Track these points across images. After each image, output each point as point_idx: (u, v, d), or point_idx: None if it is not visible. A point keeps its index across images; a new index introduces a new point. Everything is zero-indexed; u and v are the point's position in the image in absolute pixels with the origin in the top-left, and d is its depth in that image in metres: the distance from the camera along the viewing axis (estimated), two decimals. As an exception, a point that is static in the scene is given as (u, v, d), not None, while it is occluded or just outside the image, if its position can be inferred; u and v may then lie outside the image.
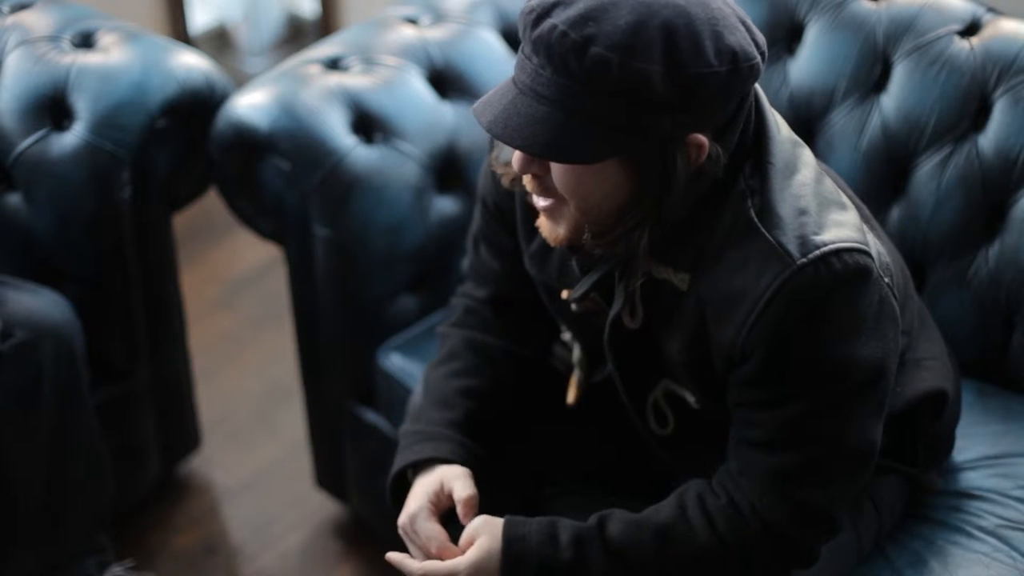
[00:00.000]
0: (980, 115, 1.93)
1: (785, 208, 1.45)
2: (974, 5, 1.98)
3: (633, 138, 1.38)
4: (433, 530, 1.62)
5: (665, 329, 1.55)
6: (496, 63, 2.21)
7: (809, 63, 2.05)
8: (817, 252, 1.42)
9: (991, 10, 1.98)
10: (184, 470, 2.60)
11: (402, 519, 1.65)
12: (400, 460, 1.70)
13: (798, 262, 1.42)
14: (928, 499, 1.81)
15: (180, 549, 2.47)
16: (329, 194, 2.10)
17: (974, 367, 1.98)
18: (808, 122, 2.06)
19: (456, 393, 1.73)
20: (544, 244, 1.62)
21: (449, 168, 2.18)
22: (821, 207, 1.46)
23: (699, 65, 1.35)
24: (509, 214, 1.69)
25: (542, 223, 1.51)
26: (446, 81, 2.20)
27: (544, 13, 1.37)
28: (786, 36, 2.08)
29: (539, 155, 1.41)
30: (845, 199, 1.51)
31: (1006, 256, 1.92)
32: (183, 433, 2.50)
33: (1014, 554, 1.73)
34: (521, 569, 1.55)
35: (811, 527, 1.54)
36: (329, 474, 2.44)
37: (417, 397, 1.92)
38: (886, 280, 1.48)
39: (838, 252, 1.43)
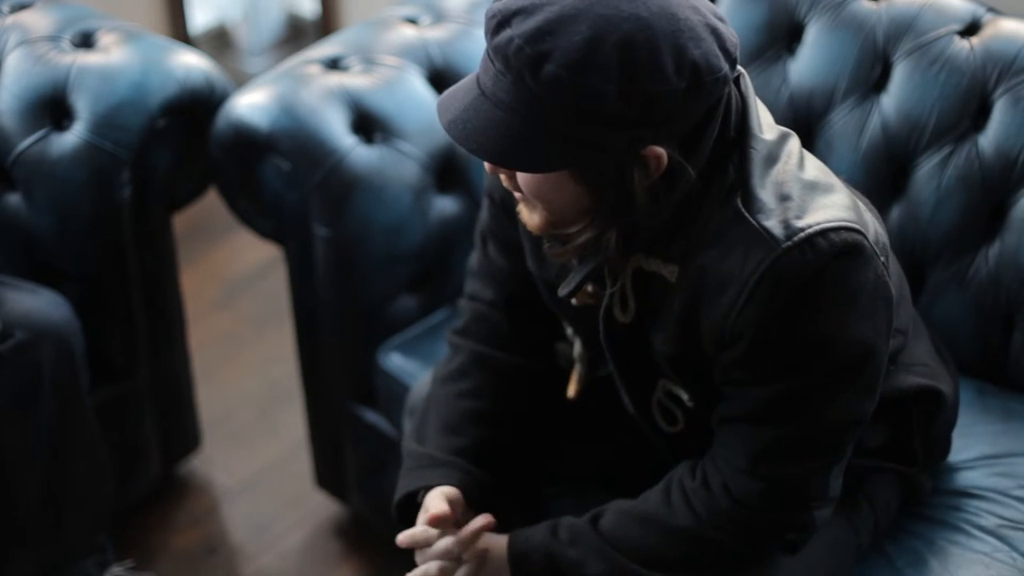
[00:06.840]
0: (980, 115, 1.93)
1: (767, 194, 1.44)
2: (974, 5, 1.98)
3: (587, 151, 1.38)
4: (444, 540, 1.67)
5: (654, 322, 1.55)
6: (496, 63, 2.21)
7: (809, 63, 2.05)
8: (802, 234, 1.41)
9: (991, 10, 1.98)
10: (184, 470, 2.60)
11: (411, 537, 1.68)
12: (406, 484, 1.73)
13: (783, 245, 1.41)
14: (927, 498, 1.81)
15: (180, 549, 2.47)
16: (329, 194, 2.10)
17: (974, 367, 1.98)
18: (808, 122, 2.06)
19: (464, 418, 1.75)
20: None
21: (449, 168, 2.18)
22: (805, 192, 1.45)
23: (657, 83, 1.34)
24: (513, 209, 1.70)
25: (521, 209, 1.52)
26: (446, 81, 2.20)
27: (504, 21, 1.37)
28: (786, 36, 2.08)
29: (491, 161, 1.42)
30: (834, 181, 1.50)
31: (1006, 256, 1.92)
32: (183, 433, 2.50)
33: (1014, 554, 1.73)
34: (528, 561, 1.61)
35: (788, 501, 1.53)
36: (329, 474, 2.43)
37: (415, 395, 1.92)
38: (881, 259, 1.47)
39: (824, 232, 1.41)
